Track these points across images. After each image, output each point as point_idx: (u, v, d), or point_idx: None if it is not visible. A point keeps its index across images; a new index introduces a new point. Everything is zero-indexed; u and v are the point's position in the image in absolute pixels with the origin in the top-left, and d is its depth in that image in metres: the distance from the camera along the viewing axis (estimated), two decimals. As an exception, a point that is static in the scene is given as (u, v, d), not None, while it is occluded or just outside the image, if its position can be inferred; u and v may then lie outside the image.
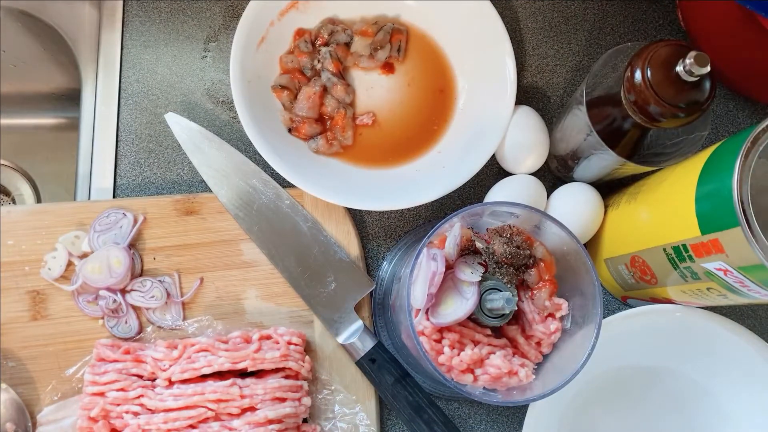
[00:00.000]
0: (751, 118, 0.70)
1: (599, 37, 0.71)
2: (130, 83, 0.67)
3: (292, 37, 0.65)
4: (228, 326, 0.58)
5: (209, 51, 0.68)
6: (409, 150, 0.64)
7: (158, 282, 0.58)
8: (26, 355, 0.56)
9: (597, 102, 0.54)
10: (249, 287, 0.60)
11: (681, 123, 0.49)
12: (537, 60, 0.70)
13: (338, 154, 0.64)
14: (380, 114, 0.65)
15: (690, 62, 0.46)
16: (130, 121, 0.66)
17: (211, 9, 0.69)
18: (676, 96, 0.47)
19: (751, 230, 0.42)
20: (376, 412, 0.58)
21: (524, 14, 0.71)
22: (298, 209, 0.61)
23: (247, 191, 0.61)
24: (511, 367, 0.47)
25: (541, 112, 0.69)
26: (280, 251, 0.60)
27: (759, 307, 0.66)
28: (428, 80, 0.66)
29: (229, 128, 0.66)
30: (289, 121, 0.63)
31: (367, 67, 0.66)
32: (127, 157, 0.65)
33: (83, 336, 0.57)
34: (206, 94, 0.67)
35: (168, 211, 0.60)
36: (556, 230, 0.48)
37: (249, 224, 0.60)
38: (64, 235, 0.58)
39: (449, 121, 0.65)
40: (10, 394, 0.55)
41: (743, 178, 0.42)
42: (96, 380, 0.53)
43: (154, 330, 0.58)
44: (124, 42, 0.68)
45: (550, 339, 0.50)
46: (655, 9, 0.72)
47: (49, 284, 0.58)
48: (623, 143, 0.54)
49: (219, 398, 0.53)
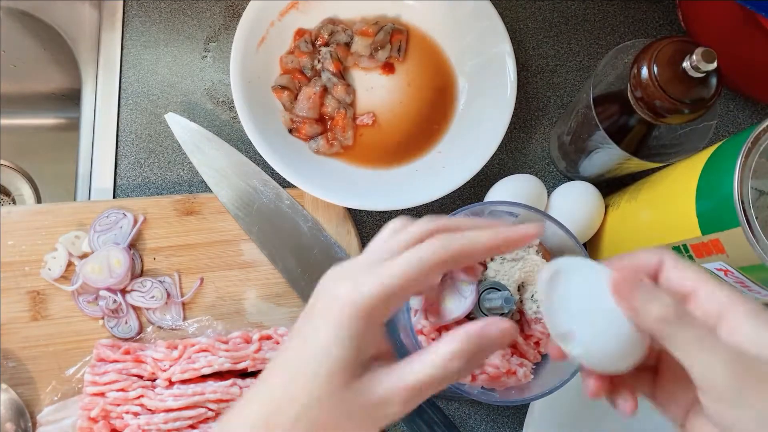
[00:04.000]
0: (751, 118, 0.70)
1: (600, 37, 0.71)
2: (130, 83, 0.67)
3: (293, 37, 0.65)
4: (228, 326, 0.58)
5: (209, 51, 0.68)
6: (409, 150, 0.64)
7: (158, 282, 0.58)
8: (26, 355, 0.56)
9: (603, 98, 0.54)
10: (249, 287, 0.60)
11: (687, 119, 0.49)
12: (537, 60, 0.70)
13: (338, 154, 0.64)
14: (380, 114, 0.65)
15: (697, 58, 0.46)
16: (130, 121, 0.66)
17: (211, 9, 0.69)
18: (682, 92, 0.47)
19: (751, 230, 0.42)
20: (376, 412, 0.58)
21: (524, 14, 0.71)
22: (298, 209, 0.61)
23: (247, 191, 0.61)
24: (510, 367, 0.47)
25: (542, 111, 0.69)
26: (280, 251, 0.60)
27: (759, 307, 0.66)
28: (428, 80, 0.66)
29: (229, 128, 0.66)
30: (289, 122, 0.63)
31: (368, 67, 0.66)
32: (127, 157, 0.65)
33: (83, 336, 0.57)
34: (206, 94, 0.67)
35: (168, 212, 0.60)
36: (556, 230, 0.48)
37: (249, 224, 0.60)
38: (64, 236, 0.58)
39: (449, 121, 0.65)
40: (10, 394, 0.55)
41: (744, 178, 0.42)
42: (96, 380, 0.53)
43: (154, 330, 0.58)
44: (124, 42, 0.68)
45: (549, 339, 0.50)
46: (656, 9, 0.72)
47: (49, 284, 0.58)
48: (629, 139, 0.54)
49: (219, 398, 0.53)
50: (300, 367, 0.30)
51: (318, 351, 0.30)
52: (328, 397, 0.30)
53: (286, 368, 0.31)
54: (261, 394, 0.31)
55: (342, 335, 0.30)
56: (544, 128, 0.68)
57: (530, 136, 0.68)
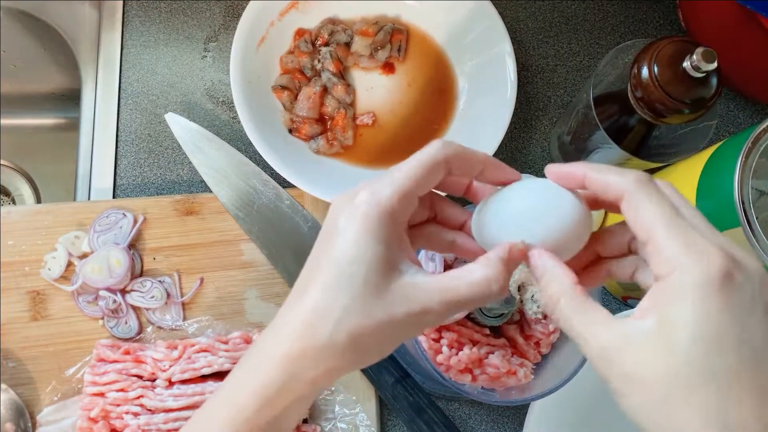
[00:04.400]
0: (751, 118, 0.70)
1: (600, 37, 0.71)
2: (130, 83, 0.67)
3: (293, 37, 0.65)
4: (228, 326, 0.58)
5: (209, 51, 0.68)
6: (409, 150, 0.63)
7: (158, 282, 0.58)
8: (26, 356, 0.56)
9: (603, 98, 0.54)
10: (249, 287, 0.60)
11: (687, 119, 0.49)
12: (537, 60, 0.70)
13: (339, 154, 0.64)
14: (380, 114, 0.65)
15: (697, 58, 0.46)
16: (130, 121, 0.66)
17: (211, 9, 0.69)
18: (682, 92, 0.47)
19: (752, 230, 0.42)
20: (376, 412, 0.58)
21: (524, 14, 0.71)
22: (298, 209, 0.61)
23: (247, 191, 0.61)
24: (510, 367, 0.47)
25: (542, 111, 0.69)
26: (280, 251, 0.60)
27: (760, 308, 0.66)
28: (429, 80, 0.66)
29: (229, 128, 0.66)
30: (289, 122, 0.63)
31: (368, 67, 0.66)
32: (127, 157, 0.65)
33: (83, 336, 0.57)
34: (206, 94, 0.67)
35: (168, 212, 0.60)
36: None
37: (249, 224, 0.60)
38: (64, 236, 0.58)
39: (450, 121, 0.65)
40: (10, 394, 0.55)
41: (744, 178, 0.42)
42: (96, 381, 0.53)
43: (154, 330, 0.58)
44: (124, 42, 0.68)
45: (549, 339, 0.50)
46: (656, 9, 0.72)
47: (49, 284, 0.58)
48: (629, 139, 0.54)
49: (219, 398, 0.53)
50: (335, 275, 0.30)
51: (351, 255, 0.30)
52: (369, 298, 0.30)
53: (320, 279, 0.31)
54: (296, 307, 0.31)
55: (372, 234, 0.30)
56: (545, 128, 0.68)
57: (530, 136, 0.68)
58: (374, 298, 0.30)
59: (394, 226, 0.31)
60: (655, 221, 0.28)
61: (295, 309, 0.31)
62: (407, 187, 0.31)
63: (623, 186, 0.30)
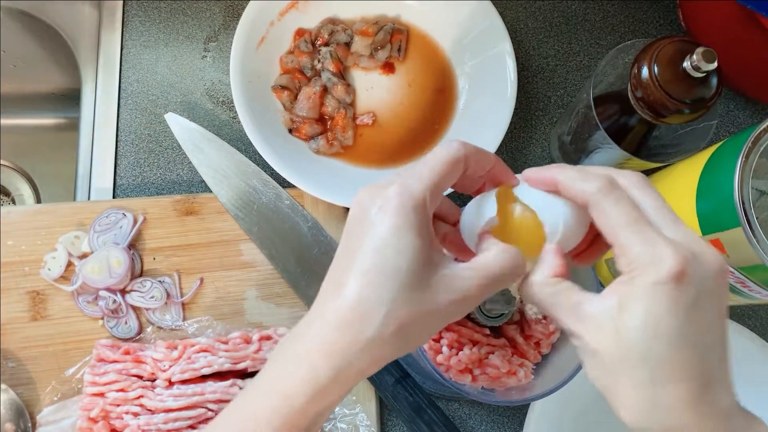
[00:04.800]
0: (751, 118, 0.70)
1: (600, 37, 0.71)
2: (130, 83, 0.67)
3: (292, 37, 0.65)
4: (228, 327, 0.58)
5: (209, 51, 0.68)
6: (409, 150, 0.64)
7: (158, 282, 0.58)
8: (26, 356, 0.56)
9: (603, 98, 0.54)
10: (249, 287, 0.60)
11: (687, 119, 0.49)
12: (537, 60, 0.70)
13: (339, 154, 0.64)
14: (381, 114, 0.65)
15: (697, 58, 0.46)
16: (130, 121, 0.66)
17: (211, 9, 0.69)
18: (683, 92, 0.47)
19: (752, 230, 0.42)
20: (376, 412, 0.58)
21: (524, 14, 0.71)
22: (298, 209, 0.61)
23: (247, 191, 0.61)
24: (510, 367, 0.47)
25: (542, 111, 0.69)
26: (280, 251, 0.60)
27: (759, 307, 0.66)
28: (429, 80, 0.66)
29: (229, 128, 0.66)
30: (289, 122, 0.63)
31: (368, 67, 0.66)
32: (127, 157, 0.65)
33: (83, 336, 0.57)
34: (206, 94, 0.67)
35: (168, 212, 0.60)
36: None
37: (249, 224, 0.60)
38: (63, 236, 0.58)
39: (450, 121, 0.65)
40: (10, 394, 0.55)
41: (744, 178, 0.42)
42: (96, 381, 0.53)
43: (154, 330, 0.58)
44: (124, 42, 0.68)
45: (550, 339, 0.50)
46: (656, 9, 0.72)
47: (49, 284, 0.58)
48: (629, 139, 0.54)
49: (219, 398, 0.53)
50: (377, 266, 0.30)
51: (393, 246, 0.30)
52: (415, 289, 0.30)
53: (359, 270, 0.31)
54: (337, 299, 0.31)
55: (410, 226, 0.31)
56: (545, 128, 0.68)
57: (530, 136, 0.68)
58: (419, 289, 0.31)
59: (428, 218, 0.32)
60: (617, 226, 0.30)
61: (337, 300, 0.31)
62: (437, 182, 0.32)
63: (588, 194, 0.31)
